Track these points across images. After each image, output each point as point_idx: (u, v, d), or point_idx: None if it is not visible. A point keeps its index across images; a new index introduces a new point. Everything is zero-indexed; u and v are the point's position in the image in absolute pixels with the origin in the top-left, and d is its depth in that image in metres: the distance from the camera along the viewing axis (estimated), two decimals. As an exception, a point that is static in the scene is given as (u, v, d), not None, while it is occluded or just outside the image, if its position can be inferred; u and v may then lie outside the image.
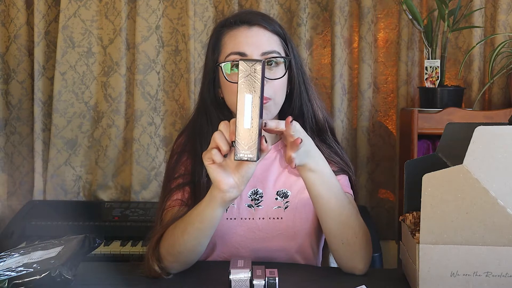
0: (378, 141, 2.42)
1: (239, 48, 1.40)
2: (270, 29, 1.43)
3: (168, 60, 2.46)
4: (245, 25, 1.42)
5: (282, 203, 1.45)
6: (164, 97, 2.46)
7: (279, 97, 1.42)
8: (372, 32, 2.37)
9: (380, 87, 2.42)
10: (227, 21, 1.45)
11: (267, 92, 1.38)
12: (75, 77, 2.46)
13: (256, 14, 1.45)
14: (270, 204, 1.44)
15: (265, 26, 1.42)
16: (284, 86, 1.44)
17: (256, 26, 1.42)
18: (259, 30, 1.42)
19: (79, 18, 2.44)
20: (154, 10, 2.42)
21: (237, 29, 1.42)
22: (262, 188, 1.46)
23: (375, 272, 1.34)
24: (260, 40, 1.41)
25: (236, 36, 1.42)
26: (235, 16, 1.46)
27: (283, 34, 1.45)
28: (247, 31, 1.42)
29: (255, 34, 1.41)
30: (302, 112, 1.48)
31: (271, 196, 1.45)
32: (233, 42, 1.41)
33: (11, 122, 2.50)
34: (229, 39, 1.42)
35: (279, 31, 1.44)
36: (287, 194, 1.46)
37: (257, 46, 1.40)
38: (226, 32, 1.44)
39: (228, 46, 1.42)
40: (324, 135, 1.50)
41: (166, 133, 2.47)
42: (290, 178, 1.48)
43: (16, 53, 2.46)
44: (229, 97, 1.43)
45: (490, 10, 2.33)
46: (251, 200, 1.45)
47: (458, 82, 2.35)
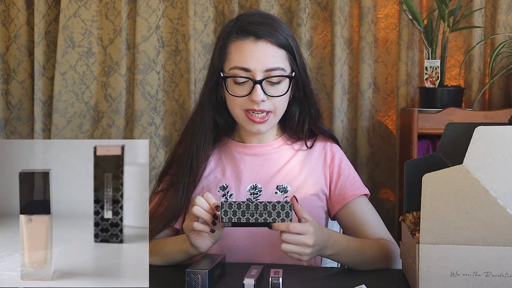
0: (378, 141, 2.42)
1: (243, 63, 1.41)
2: (277, 43, 1.43)
3: (168, 60, 2.46)
4: (252, 37, 1.42)
5: (282, 197, 1.46)
6: (164, 97, 2.46)
7: (279, 110, 1.46)
8: (372, 32, 2.37)
9: (380, 87, 2.42)
10: (236, 27, 1.45)
11: (267, 106, 1.42)
12: (75, 77, 2.46)
13: (264, 25, 1.43)
14: (269, 198, 1.46)
15: (271, 41, 1.42)
16: (286, 100, 1.47)
17: (263, 40, 1.42)
18: (265, 45, 1.42)
19: (79, 18, 2.44)
20: (154, 10, 2.42)
21: (244, 41, 1.43)
22: (261, 183, 1.47)
23: (375, 272, 1.34)
24: (265, 55, 1.41)
25: (242, 49, 1.42)
26: (244, 23, 1.45)
27: (290, 47, 1.45)
28: (253, 45, 1.42)
29: (261, 49, 1.42)
30: (298, 119, 1.52)
31: (270, 191, 1.47)
32: (239, 55, 1.42)
33: (11, 122, 2.50)
34: (235, 50, 1.43)
35: (285, 44, 1.44)
36: (287, 189, 1.47)
37: (261, 62, 1.41)
38: (233, 41, 1.44)
39: (233, 58, 1.43)
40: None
41: (166, 133, 2.47)
42: (291, 173, 1.50)
43: (16, 53, 2.47)
44: (230, 106, 1.47)
45: (490, 10, 2.33)
46: (250, 195, 1.46)
47: (458, 82, 2.35)
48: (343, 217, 1.50)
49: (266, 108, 1.42)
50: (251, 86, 1.40)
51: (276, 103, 1.43)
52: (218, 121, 1.51)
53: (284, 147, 1.53)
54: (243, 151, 1.52)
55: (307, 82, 1.49)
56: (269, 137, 1.54)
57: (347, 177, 1.52)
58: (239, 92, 1.42)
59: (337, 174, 1.52)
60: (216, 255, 1.29)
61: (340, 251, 1.32)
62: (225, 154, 1.53)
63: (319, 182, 1.51)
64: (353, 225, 1.47)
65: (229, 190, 1.47)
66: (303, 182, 1.49)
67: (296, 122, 1.52)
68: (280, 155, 1.52)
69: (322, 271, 1.43)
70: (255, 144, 1.52)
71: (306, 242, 1.21)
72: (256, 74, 1.40)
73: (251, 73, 1.41)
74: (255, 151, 1.52)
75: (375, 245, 1.40)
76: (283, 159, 1.51)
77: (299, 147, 1.54)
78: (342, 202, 1.49)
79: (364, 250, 1.37)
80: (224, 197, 1.46)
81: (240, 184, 1.48)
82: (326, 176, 1.52)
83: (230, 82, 1.43)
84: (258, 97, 1.39)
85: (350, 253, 1.35)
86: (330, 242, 1.29)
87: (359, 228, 1.46)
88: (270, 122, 1.46)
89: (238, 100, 1.43)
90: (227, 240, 1.44)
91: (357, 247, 1.36)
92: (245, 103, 1.42)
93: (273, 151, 1.52)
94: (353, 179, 1.52)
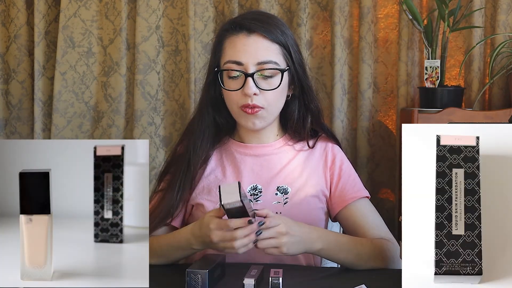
0: (378, 141, 2.42)
1: (236, 57, 1.42)
2: (270, 38, 1.43)
3: (168, 60, 2.46)
4: (245, 31, 1.44)
5: (282, 198, 1.46)
6: (164, 97, 2.46)
7: (273, 106, 1.45)
8: (372, 32, 2.37)
9: (380, 87, 2.42)
10: (231, 24, 1.47)
11: (260, 102, 1.41)
12: (75, 77, 2.46)
13: (258, 21, 1.45)
14: (269, 199, 1.46)
15: (264, 35, 1.43)
16: (282, 95, 1.46)
17: (255, 34, 1.43)
18: (257, 39, 1.43)
19: (79, 18, 2.44)
20: (154, 10, 2.42)
21: (237, 35, 1.44)
22: (261, 184, 1.47)
23: (375, 272, 1.34)
24: (257, 49, 1.42)
25: (234, 43, 1.44)
26: (239, 19, 1.49)
27: (285, 43, 1.45)
28: (245, 39, 1.43)
29: (253, 42, 1.43)
30: (298, 116, 1.52)
31: (271, 192, 1.47)
32: (232, 49, 1.44)
33: (11, 122, 2.50)
34: (229, 45, 1.45)
35: (279, 40, 1.44)
36: (287, 191, 1.47)
37: (253, 55, 1.41)
38: (227, 37, 1.46)
39: (227, 53, 1.45)
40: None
41: (166, 133, 2.47)
42: (292, 174, 1.50)
43: (16, 53, 2.47)
44: (227, 103, 1.48)
45: (490, 10, 2.33)
46: (250, 195, 1.46)
47: (458, 82, 2.35)
48: (343, 218, 1.50)
49: (259, 103, 1.42)
50: (243, 80, 1.41)
51: (269, 97, 1.43)
52: (218, 121, 1.51)
53: (285, 148, 1.53)
54: (244, 152, 1.52)
55: (304, 78, 1.49)
56: (269, 137, 1.53)
57: (347, 179, 1.52)
58: (233, 86, 1.43)
59: (338, 176, 1.52)
60: (216, 255, 1.29)
61: (330, 246, 1.32)
62: (226, 154, 1.53)
63: (320, 183, 1.51)
64: (354, 226, 1.47)
65: None
66: (303, 184, 1.49)
67: (295, 119, 1.52)
68: (280, 156, 1.52)
69: (322, 271, 1.43)
70: (255, 145, 1.52)
71: (280, 230, 1.23)
72: (248, 68, 1.41)
73: (243, 67, 1.42)
74: (255, 151, 1.52)
75: (368, 242, 1.40)
76: (284, 160, 1.51)
77: (300, 148, 1.54)
78: (342, 204, 1.49)
79: (355, 246, 1.36)
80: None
81: (241, 184, 1.47)
82: (327, 178, 1.52)
83: (225, 77, 1.45)
84: (250, 89, 1.40)
85: (343, 249, 1.34)
86: (314, 236, 1.30)
87: (360, 229, 1.46)
88: (264, 118, 1.45)
89: (234, 96, 1.43)
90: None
91: (349, 243, 1.36)
92: (240, 99, 1.43)
93: (274, 151, 1.52)
94: (354, 181, 1.52)
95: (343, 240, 1.37)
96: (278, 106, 1.47)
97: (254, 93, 1.40)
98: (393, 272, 1.37)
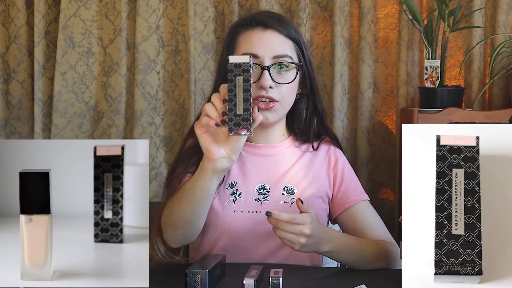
0: (378, 141, 2.43)
1: (251, 49, 1.42)
2: (285, 33, 1.45)
3: (168, 60, 2.46)
4: (260, 27, 1.45)
5: (288, 198, 1.47)
6: (164, 97, 2.46)
7: (286, 101, 1.46)
8: (372, 32, 2.37)
9: (380, 87, 2.42)
10: (244, 21, 1.48)
11: (275, 95, 1.42)
12: (75, 77, 2.46)
13: (272, 17, 1.47)
14: (277, 199, 1.47)
15: (279, 30, 1.44)
16: (294, 90, 1.47)
17: (271, 29, 1.44)
18: (273, 33, 1.44)
19: (79, 18, 2.44)
20: (154, 10, 2.42)
21: (252, 30, 1.45)
22: (269, 184, 1.48)
23: (375, 272, 1.35)
24: (273, 43, 1.43)
25: (250, 37, 1.44)
26: (251, 16, 1.49)
27: (298, 40, 1.46)
28: (261, 33, 1.44)
29: (269, 37, 1.44)
30: (306, 116, 1.53)
31: (278, 192, 1.48)
32: (247, 42, 1.44)
33: (11, 122, 2.50)
34: (243, 39, 1.45)
35: (293, 37, 1.46)
36: (294, 191, 1.48)
37: (269, 48, 1.42)
38: (241, 32, 1.47)
39: (241, 46, 1.45)
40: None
41: (166, 133, 2.47)
42: (297, 175, 1.51)
43: (16, 53, 2.47)
44: None
45: (490, 10, 2.33)
46: (258, 195, 1.47)
47: (458, 82, 2.35)
48: (343, 220, 1.51)
49: (274, 96, 1.42)
50: (259, 73, 1.41)
51: (284, 91, 1.43)
52: None
53: (291, 149, 1.54)
54: (252, 151, 1.52)
55: (314, 78, 1.50)
56: (276, 137, 1.54)
57: (349, 182, 1.53)
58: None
59: (340, 179, 1.53)
60: (216, 255, 1.29)
61: (337, 247, 1.33)
62: None
63: (324, 185, 1.52)
64: (354, 228, 1.48)
65: (237, 188, 1.47)
66: (309, 184, 1.50)
67: (303, 119, 1.52)
68: (287, 157, 1.53)
69: (322, 271, 1.43)
70: (263, 145, 1.53)
71: (303, 231, 1.22)
72: (264, 61, 1.42)
73: (259, 60, 1.42)
74: (263, 151, 1.52)
75: (374, 244, 1.41)
76: (290, 161, 1.52)
77: (305, 149, 1.55)
78: (343, 206, 1.50)
79: (362, 248, 1.37)
80: (233, 196, 1.46)
81: (248, 183, 1.48)
82: (330, 180, 1.53)
83: None
84: (267, 82, 1.40)
85: (348, 251, 1.35)
86: (327, 237, 1.30)
87: (360, 230, 1.46)
88: (277, 112, 1.45)
89: None
90: (229, 240, 1.44)
91: (355, 245, 1.37)
92: (255, 92, 1.42)
93: (281, 152, 1.53)
94: (355, 185, 1.54)
95: (351, 241, 1.37)
96: (290, 101, 1.48)
97: (270, 86, 1.40)
98: (393, 272, 1.37)
